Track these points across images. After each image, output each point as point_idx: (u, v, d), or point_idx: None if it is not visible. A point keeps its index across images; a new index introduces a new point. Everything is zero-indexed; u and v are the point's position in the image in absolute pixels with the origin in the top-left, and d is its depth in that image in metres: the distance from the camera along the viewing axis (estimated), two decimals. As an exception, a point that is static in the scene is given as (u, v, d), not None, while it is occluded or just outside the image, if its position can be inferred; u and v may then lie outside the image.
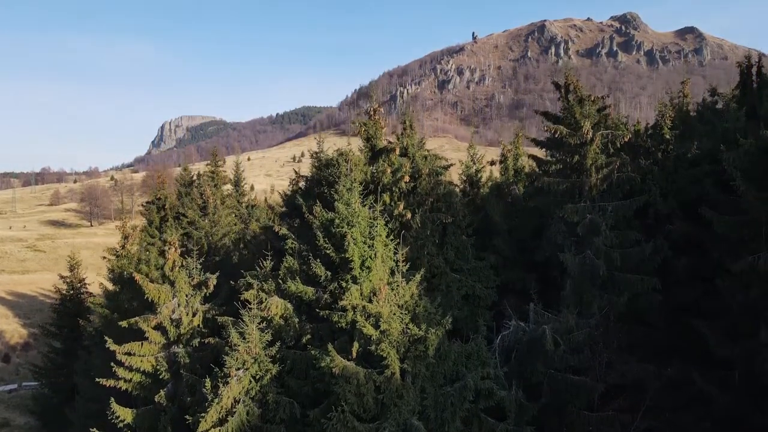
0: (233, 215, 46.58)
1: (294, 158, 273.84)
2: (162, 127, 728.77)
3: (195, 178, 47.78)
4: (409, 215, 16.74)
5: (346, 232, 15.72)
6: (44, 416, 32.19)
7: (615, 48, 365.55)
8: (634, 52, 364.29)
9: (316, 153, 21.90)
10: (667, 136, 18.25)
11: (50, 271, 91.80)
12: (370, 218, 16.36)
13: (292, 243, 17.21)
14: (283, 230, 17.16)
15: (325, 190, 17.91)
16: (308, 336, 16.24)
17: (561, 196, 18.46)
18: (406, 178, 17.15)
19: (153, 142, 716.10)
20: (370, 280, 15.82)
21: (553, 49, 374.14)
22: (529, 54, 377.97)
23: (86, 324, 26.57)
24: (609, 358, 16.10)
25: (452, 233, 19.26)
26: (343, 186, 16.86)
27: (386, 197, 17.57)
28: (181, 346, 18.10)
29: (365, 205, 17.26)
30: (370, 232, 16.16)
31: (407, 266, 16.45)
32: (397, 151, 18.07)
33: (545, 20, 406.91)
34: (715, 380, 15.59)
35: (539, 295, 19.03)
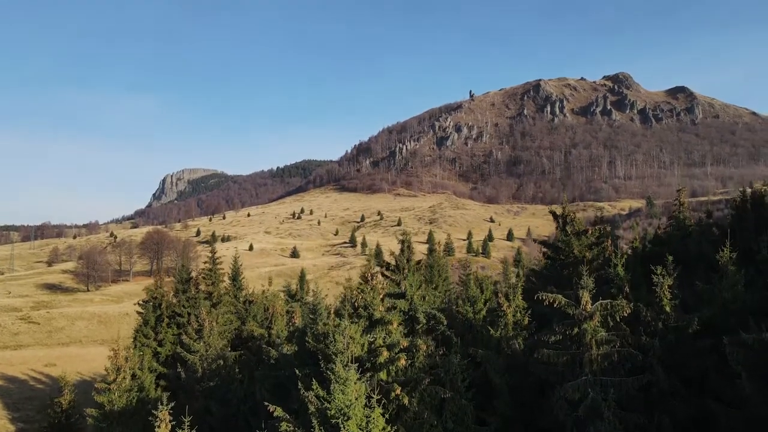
0: (230, 313, 46.21)
1: (294, 215, 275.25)
2: (163, 180, 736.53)
3: (193, 275, 47.65)
4: (406, 400, 16.38)
5: (341, 426, 15.29)
6: None
7: (609, 106, 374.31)
8: (627, 111, 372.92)
9: (314, 307, 21.79)
10: (667, 309, 18.12)
11: (43, 346, 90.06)
12: (366, 406, 15.95)
13: (287, 426, 16.72)
14: (279, 411, 16.70)
15: (322, 364, 17.57)
16: None
17: (562, 367, 18.13)
18: (403, 361, 16.89)
19: (154, 194, 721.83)
20: (367, 477, 15.27)
21: (548, 108, 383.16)
22: (525, 112, 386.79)
23: (73, 464, 25.66)
24: None
25: (451, 400, 18.80)
26: (340, 362, 16.54)
27: (383, 375, 17.27)
28: None
29: (362, 381, 16.89)
30: (367, 424, 15.73)
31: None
32: (395, 323, 17.86)
33: (540, 79, 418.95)
34: None
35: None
